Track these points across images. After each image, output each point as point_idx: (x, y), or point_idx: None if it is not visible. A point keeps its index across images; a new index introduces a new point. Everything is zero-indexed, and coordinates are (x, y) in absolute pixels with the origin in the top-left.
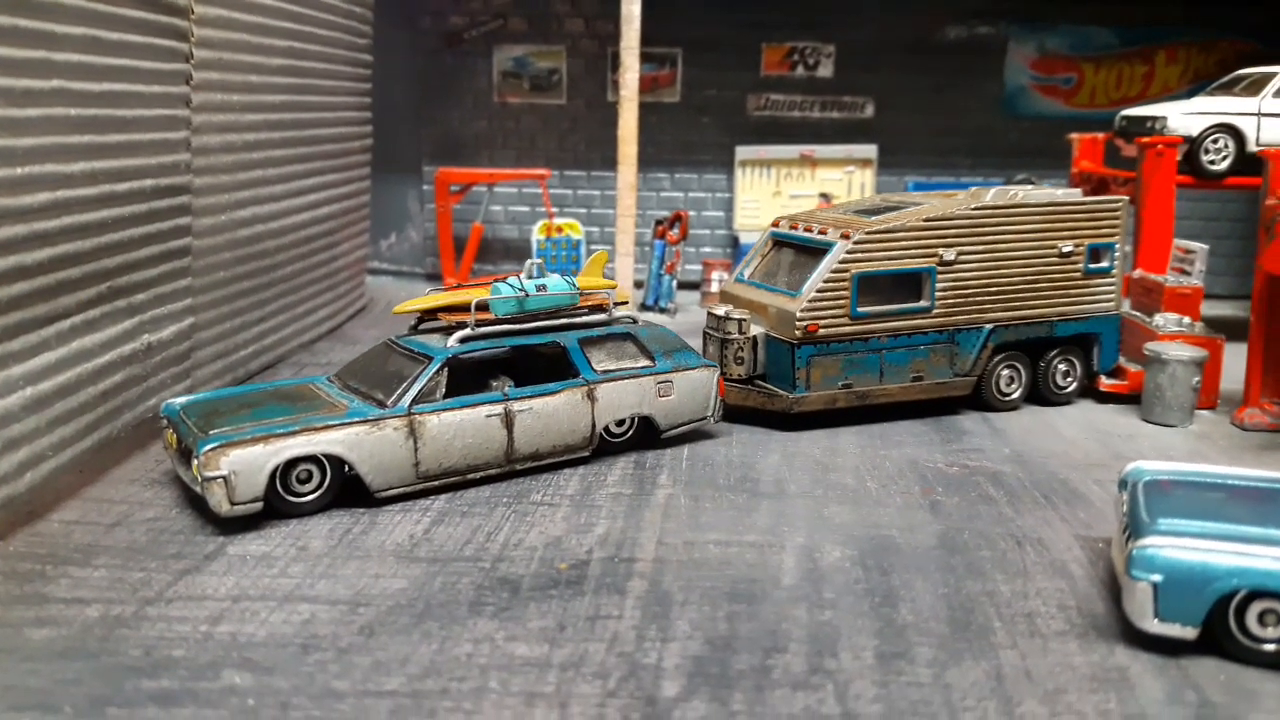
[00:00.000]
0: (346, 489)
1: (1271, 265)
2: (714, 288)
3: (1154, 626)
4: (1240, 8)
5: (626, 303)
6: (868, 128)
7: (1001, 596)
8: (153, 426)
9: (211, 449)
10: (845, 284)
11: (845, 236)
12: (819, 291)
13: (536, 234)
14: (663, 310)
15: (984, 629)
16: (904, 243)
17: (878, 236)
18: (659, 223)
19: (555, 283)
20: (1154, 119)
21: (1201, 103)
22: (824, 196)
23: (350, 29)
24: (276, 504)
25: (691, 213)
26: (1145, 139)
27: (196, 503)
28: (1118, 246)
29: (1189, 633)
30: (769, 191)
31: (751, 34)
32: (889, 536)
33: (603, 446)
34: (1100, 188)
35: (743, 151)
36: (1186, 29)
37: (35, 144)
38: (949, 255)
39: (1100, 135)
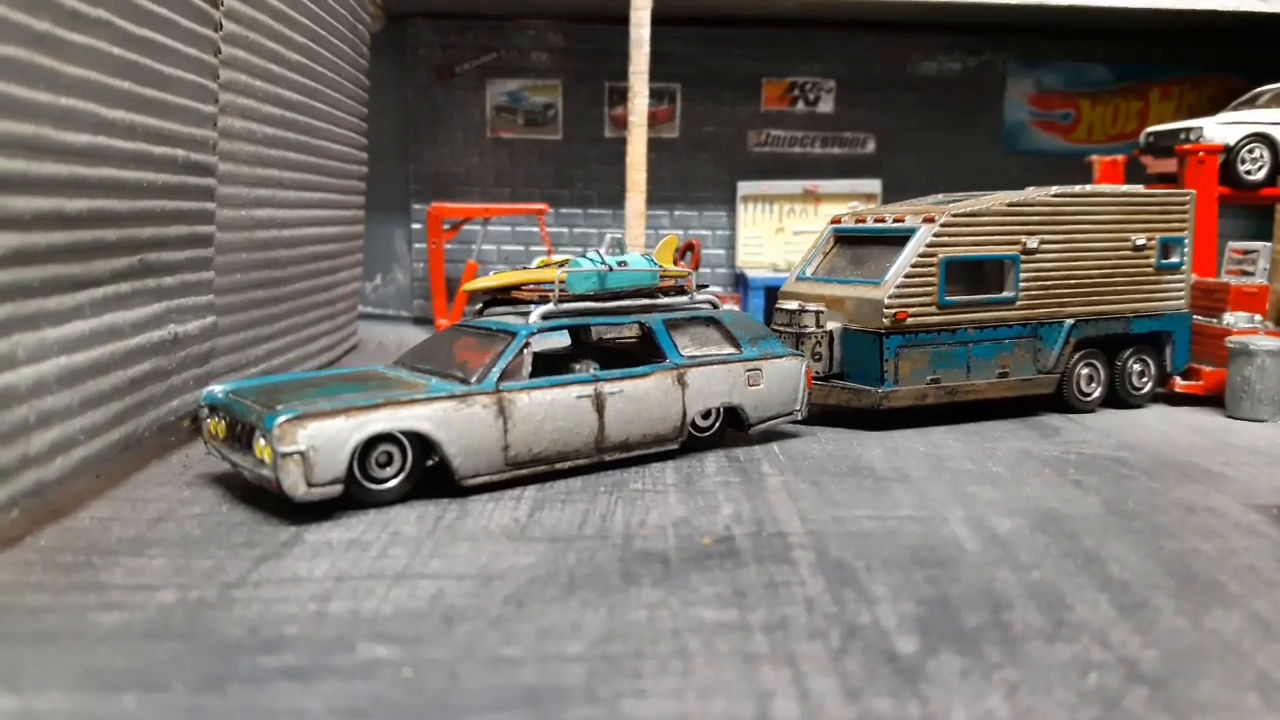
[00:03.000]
0: (423, 482)
1: None
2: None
3: None
4: (1229, 46)
5: (708, 285)
6: (869, 163)
7: (1208, 554)
8: (174, 433)
9: (288, 419)
10: (932, 270)
11: (930, 220)
12: (906, 278)
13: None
14: None
15: (1213, 582)
16: (989, 228)
17: (964, 219)
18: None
19: (636, 259)
20: (1188, 130)
21: (1232, 115)
22: None
23: (355, 47)
24: (354, 491)
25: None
26: (1185, 147)
27: (251, 498)
28: (1187, 241)
29: None
30: (772, 228)
31: (751, 69)
32: (1053, 508)
33: (688, 441)
34: None
35: (745, 187)
36: (1178, 66)
37: (79, 76)
38: (1032, 243)
39: (1119, 157)
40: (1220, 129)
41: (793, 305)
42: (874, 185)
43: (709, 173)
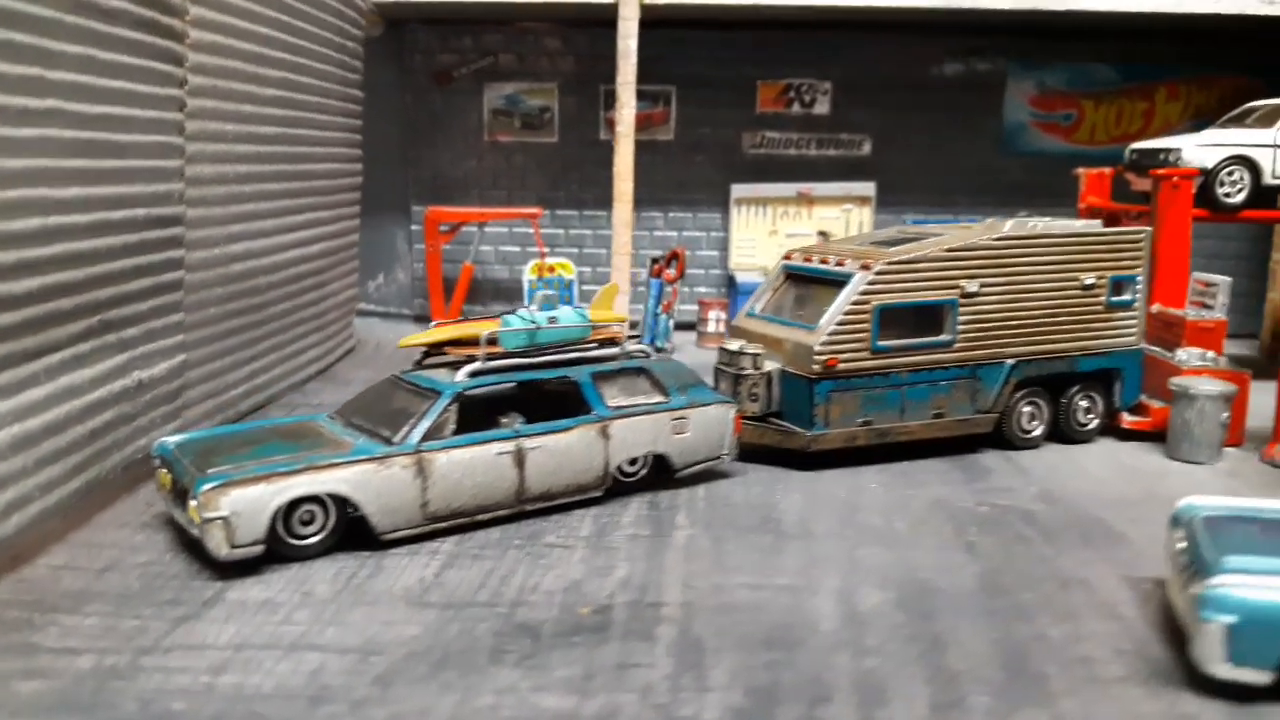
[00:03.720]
0: (348, 531)
1: None
2: (711, 328)
3: (1225, 671)
4: (1238, 45)
5: (639, 336)
6: (865, 165)
7: (1053, 641)
8: (142, 469)
9: (211, 488)
10: (866, 316)
11: (866, 267)
12: (839, 324)
13: (528, 274)
14: (660, 350)
15: (1039, 675)
16: (926, 274)
17: (899, 267)
18: (655, 261)
19: (567, 314)
20: (1168, 151)
21: (1215, 134)
22: (822, 235)
23: (343, 63)
24: (277, 547)
25: (686, 252)
26: (1160, 171)
27: (192, 547)
28: (1140, 279)
29: (1264, 677)
30: (765, 230)
31: (746, 71)
32: (927, 579)
33: (614, 486)
34: (1110, 223)
35: (738, 190)
36: (1186, 66)
37: (27, 166)
38: (971, 287)
39: (1107, 170)
40: (1199, 151)
41: (734, 346)
42: (868, 188)
43: (704, 175)
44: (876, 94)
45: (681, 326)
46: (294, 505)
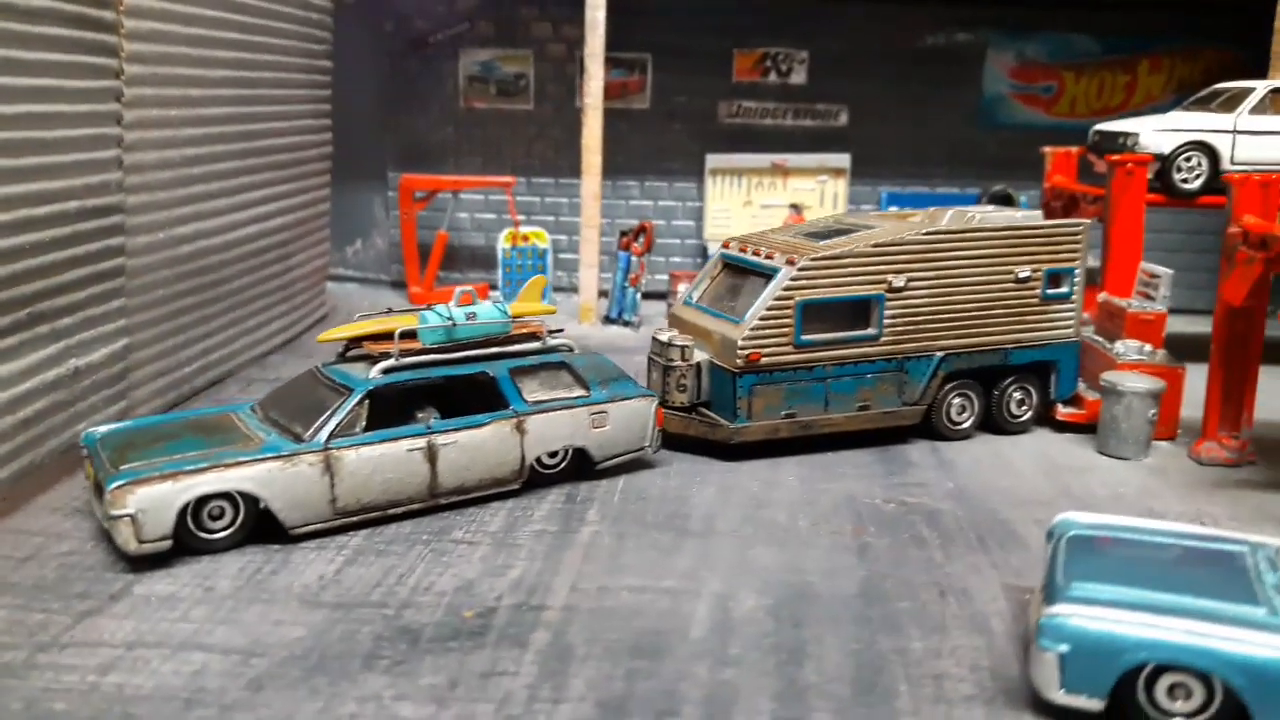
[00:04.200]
0: (264, 523)
1: (1231, 295)
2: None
3: (1060, 697)
4: (1224, 16)
5: (563, 330)
6: (841, 136)
7: (913, 655)
8: (80, 453)
9: (118, 486)
10: (789, 312)
11: (790, 262)
12: (761, 320)
13: (502, 242)
14: (627, 323)
15: (888, 692)
16: (852, 269)
17: (824, 263)
18: (624, 234)
19: (486, 310)
20: (1126, 135)
21: (1176, 119)
22: (794, 208)
23: (306, 36)
24: (188, 540)
25: (661, 222)
26: (1115, 156)
27: (111, 537)
28: (1078, 272)
29: (1096, 704)
30: (740, 201)
31: (723, 39)
32: (809, 583)
33: (535, 478)
34: (1071, 205)
35: (713, 160)
36: (1170, 37)
37: None
38: (898, 282)
39: (1074, 149)
40: (1157, 136)
41: (664, 337)
42: (843, 159)
43: (680, 144)
44: (854, 64)
45: (655, 295)
46: (203, 501)
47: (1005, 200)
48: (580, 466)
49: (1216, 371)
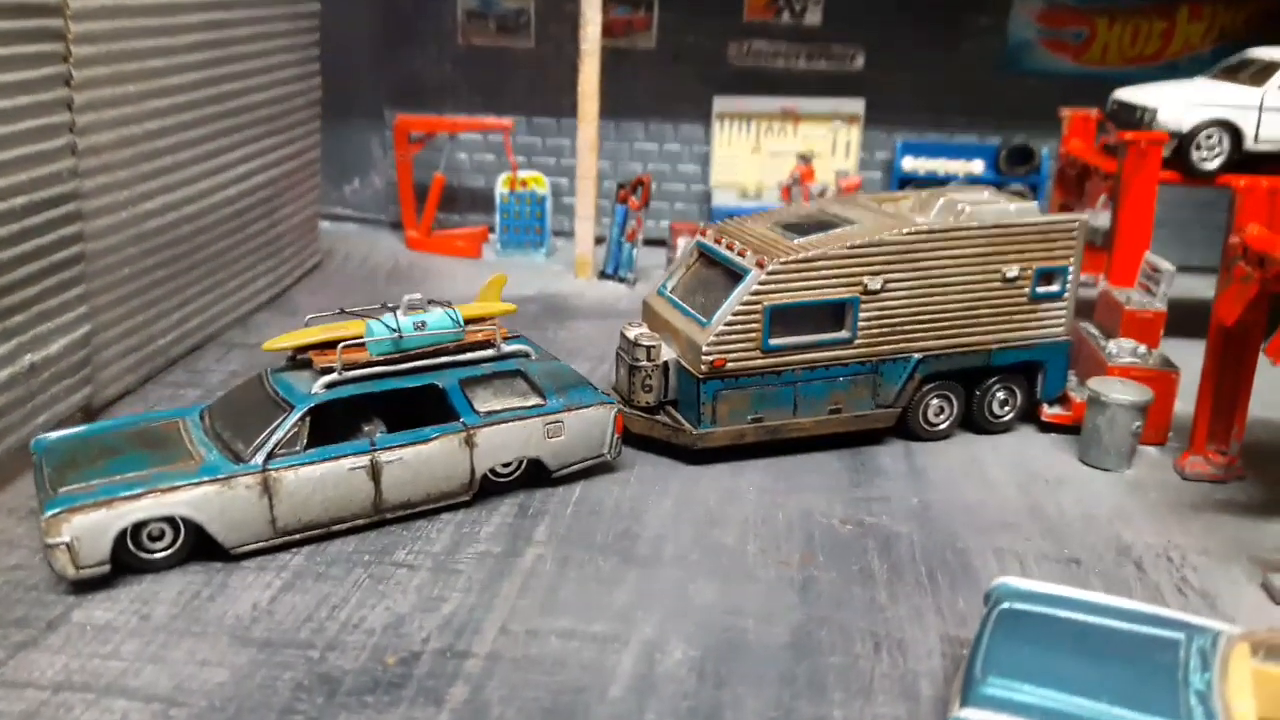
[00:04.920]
0: (211, 538)
1: (1224, 313)
2: (680, 253)
3: None
4: None
5: (520, 335)
6: (857, 81)
7: None
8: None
9: (53, 515)
10: (757, 316)
11: (760, 265)
12: (727, 325)
13: (500, 187)
14: (622, 280)
15: None
16: (824, 272)
17: (795, 266)
18: (621, 186)
19: (436, 319)
20: (1144, 110)
21: (1199, 92)
22: (802, 159)
23: None
24: (129, 561)
25: (665, 167)
26: (1129, 134)
27: None
28: (1072, 270)
29: None
30: (748, 147)
31: None
32: (743, 630)
33: (489, 485)
34: (1084, 175)
35: (721, 103)
36: None
37: None
38: (874, 284)
39: (1093, 112)
40: (1177, 112)
41: (632, 334)
42: (857, 105)
43: (687, 86)
44: (873, 4)
45: (655, 243)
46: (142, 524)
47: (1025, 154)
48: (536, 475)
49: (1208, 384)
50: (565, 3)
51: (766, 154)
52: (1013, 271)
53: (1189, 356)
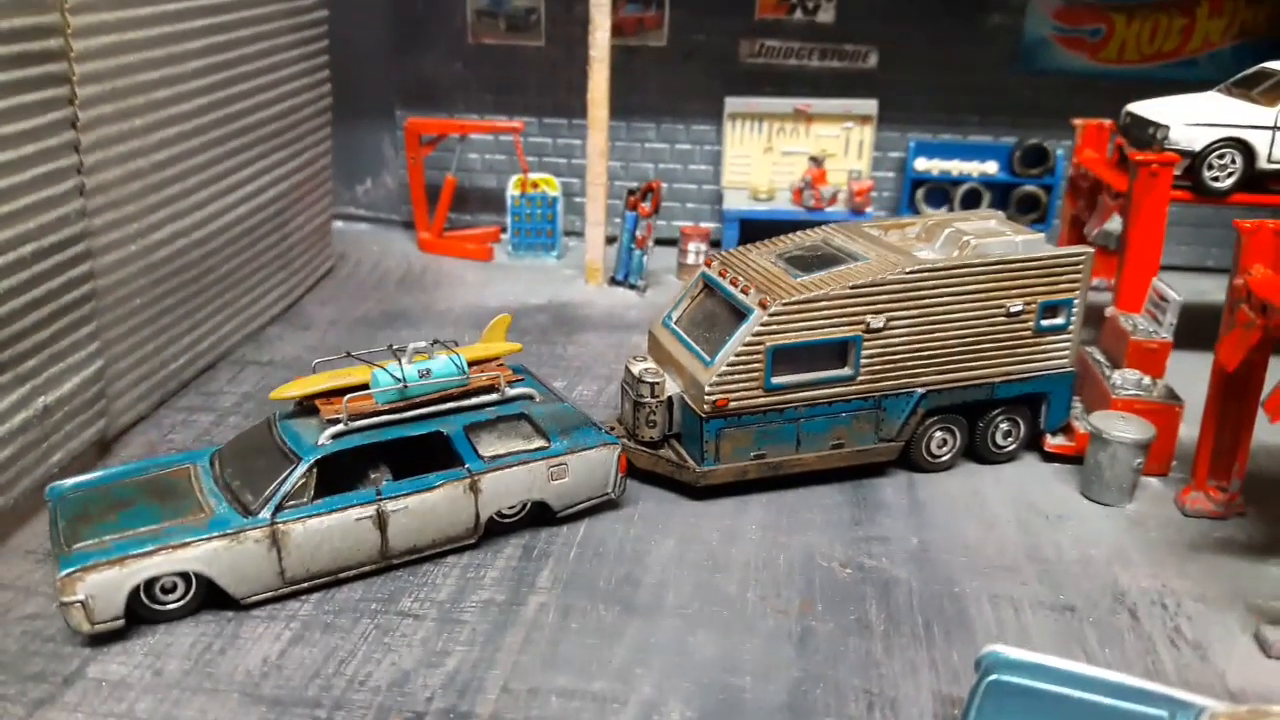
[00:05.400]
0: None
1: (1226, 358)
2: (691, 259)
3: None
4: None
5: (521, 379)
6: (870, 79)
7: None
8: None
9: (68, 574)
10: (759, 356)
11: (763, 305)
12: (730, 366)
13: (511, 189)
14: (633, 286)
15: None
16: (826, 312)
17: (796, 307)
18: (630, 193)
19: (441, 366)
20: (1156, 126)
21: (1211, 109)
22: (814, 161)
23: None
24: (142, 612)
25: (677, 167)
26: (1140, 156)
27: None
28: (1077, 302)
29: None
30: (760, 147)
31: None
32: (739, 689)
33: (494, 526)
34: (1095, 190)
35: (732, 104)
36: None
37: None
38: (876, 323)
39: (1107, 123)
40: (1189, 132)
41: (637, 369)
42: (870, 106)
43: (698, 85)
44: (886, 2)
45: (666, 242)
46: (154, 579)
47: (1039, 155)
48: (541, 514)
49: (1210, 422)
50: (576, 1)
51: (779, 153)
52: (1016, 306)
53: (1199, 368)
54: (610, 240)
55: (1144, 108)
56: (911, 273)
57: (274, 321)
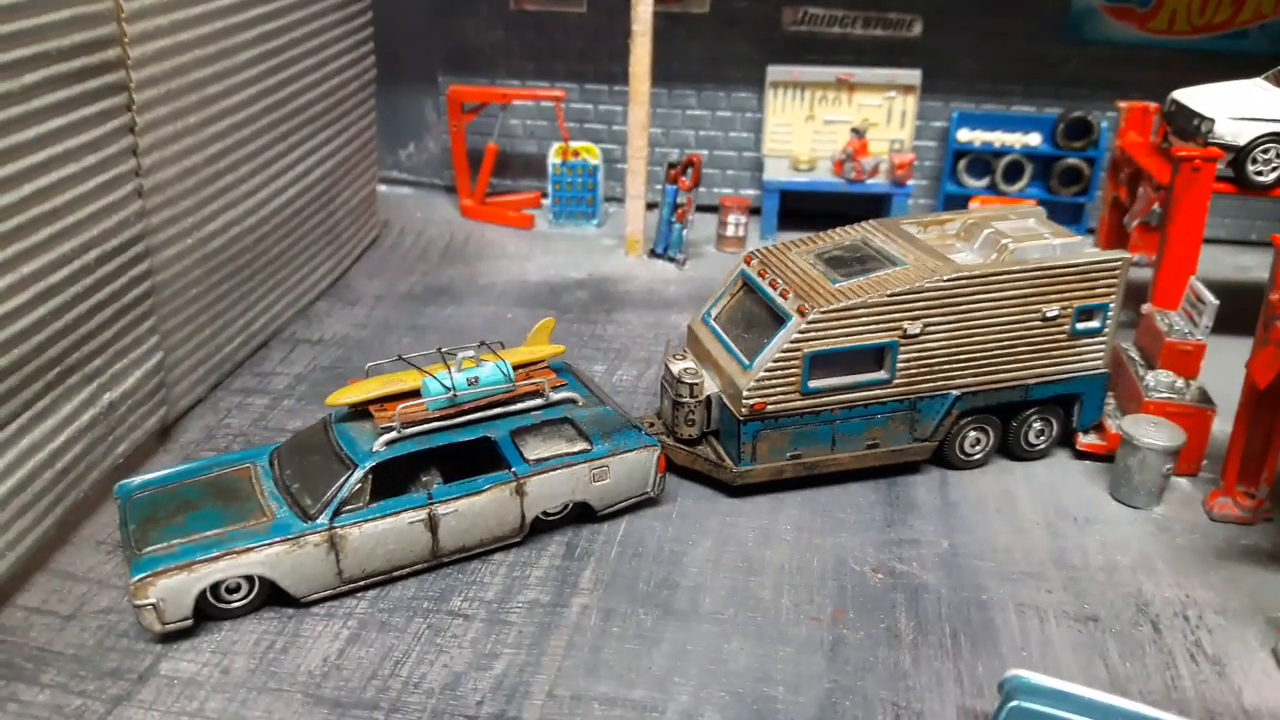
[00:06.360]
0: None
1: (1258, 375)
2: (730, 231)
3: None
4: None
5: (564, 387)
6: (913, 48)
7: None
8: (124, 473)
9: (140, 580)
10: (797, 362)
11: (801, 313)
12: (767, 371)
13: (552, 157)
14: (672, 259)
15: None
16: (864, 319)
17: (834, 315)
18: (671, 166)
19: (488, 374)
20: (1201, 118)
21: (1258, 102)
22: (856, 132)
23: None
24: (209, 610)
25: (718, 134)
26: (1183, 151)
27: None
28: (1112, 307)
29: None
30: (802, 116)
31: None
32: (771, 699)
33: (537, 524)
34: (1136, 178)
35: (774, 72)
36: None
37: None
38: (914, 329)
39: (1152, 106)
40: (1234, 125)
41: (676, 368)
42: (913, 76)
43: (740, 52)
44: None
45: (707, 209)
46: (219, 581)
47: (1084, 127)
48: (583, 513)
49: (1240, 429)
50: None
51: (821, 122)
52: (1053, 311)
53: (1238, 353)
54: (650, 207)
55: (1190, 97)
56: (949, 280)
57: (322, 296)
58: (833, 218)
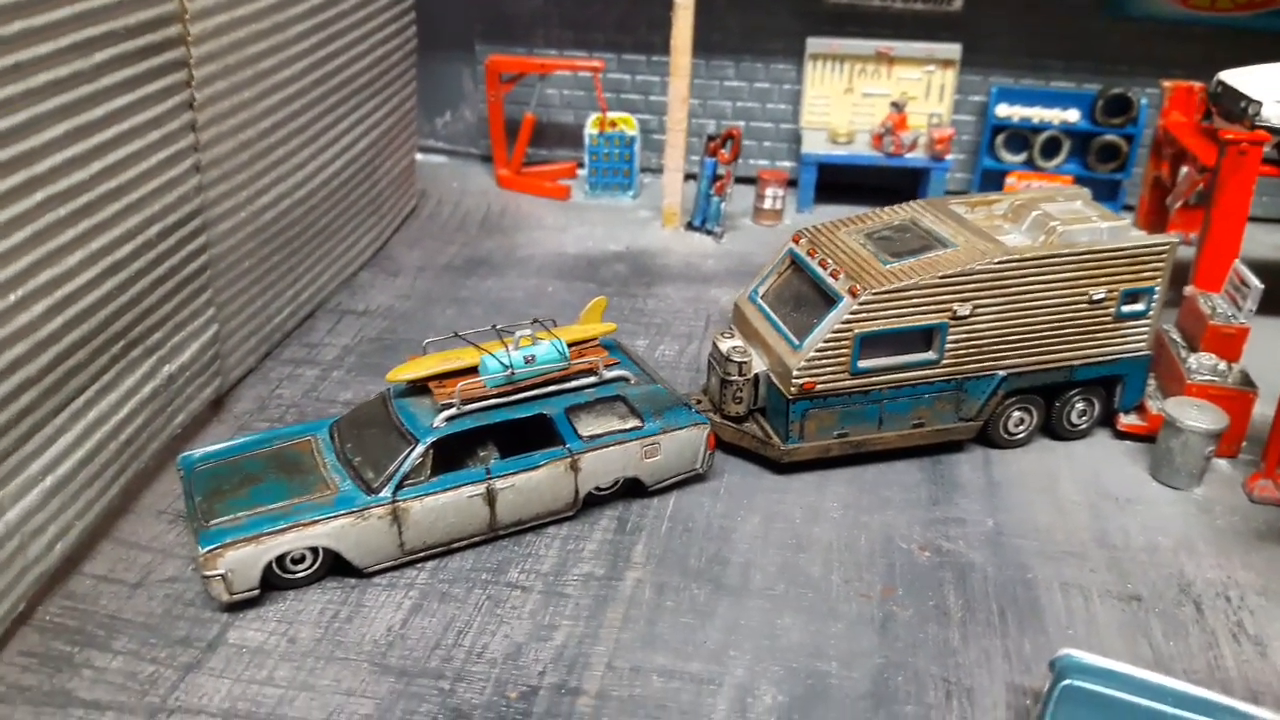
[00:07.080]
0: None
1: None
2: (767, 204)
3: None
4: None
5: (616, 365)
6: (954, 22)
7: None
8: (184, 441)
9: (209, 551)
10: (848, 342)
11: (853, 293)
12: (818, 351)
13: (590, 128)
14: (709, 232)
15: None
16: (915, 300)
17: (886, 296)
18: (710, 138)
19: (544, 352)
20: (1249, 101)
21: None
22: (895, 106)
23: None
24: (275, 581)
25: (755, 105)
26: (1230, 134)
27: None
28: (1158, 290)
29: None
30: (840, 88)
31: None
32: (825, 674)
33: (589, 499)
34: (1179, 159)
35: (814, 44)
36: None
37: (25, 265)
38: (963, 310)
39: (1196, 85)
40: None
41: (725, 346)
42: (953, 50)
43: (780, 24)
44: None
45: (745, 180)
46: (285, 553)
47: (1123, 104)
48: (634, 487)
49: None
50: None
51: (859, 95)
52: (1099, 294)
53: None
54: (688, 177)
55: (1237, 79)
56: (1000, 263)
57: (365, 267)
58: (870, 191)
